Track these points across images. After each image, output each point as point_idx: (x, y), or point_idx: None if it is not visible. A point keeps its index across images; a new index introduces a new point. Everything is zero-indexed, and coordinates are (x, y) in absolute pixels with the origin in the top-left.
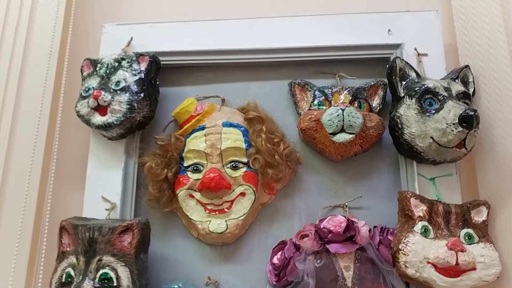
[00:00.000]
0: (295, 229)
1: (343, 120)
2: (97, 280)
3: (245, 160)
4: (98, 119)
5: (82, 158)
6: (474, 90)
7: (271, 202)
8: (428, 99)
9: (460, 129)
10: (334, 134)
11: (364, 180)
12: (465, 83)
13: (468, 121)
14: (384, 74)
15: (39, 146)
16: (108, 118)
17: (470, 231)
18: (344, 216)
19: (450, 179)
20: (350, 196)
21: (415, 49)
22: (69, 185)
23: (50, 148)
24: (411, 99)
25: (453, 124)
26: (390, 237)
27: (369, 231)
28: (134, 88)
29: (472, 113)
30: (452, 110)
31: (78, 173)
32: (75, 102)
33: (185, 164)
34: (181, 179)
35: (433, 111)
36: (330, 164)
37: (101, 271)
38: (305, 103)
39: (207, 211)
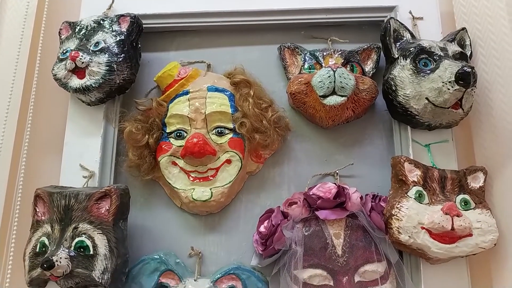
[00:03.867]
0: (283, 198)
1: (334, 82)
2: (72, 248)
3: (231, 125)
4: (76, 82)
5: (60, 125)
6: (471, 53)
7: (258, 171)
8: (423, 59)
9: (456, 87)
10: (325, 96)
11: (356, 147)
12: (462, 46)
13: (465, 78)
14: (377, 39)
15: (12, 112)
16: (86, 80)
17: (467, 197)
18: (335, 183)
19: (446, 146)
20: (341, 164)
21: (410, 13)
22: (45, 153)
23: (25, 114)
24: (406, 59)
25: (450, 82)
26: (382, 204)
27: (361, 198)
28: (114, 49)
29: (469, 69)
30: (449, 68)
31: (55, 140)
32: (52, 67)
33: (168, 130)
34: (163, 146)
35: (428, 71)
36: (320, 131)
37: (76, 239)
38: (295, 68)
39: (191, 179)
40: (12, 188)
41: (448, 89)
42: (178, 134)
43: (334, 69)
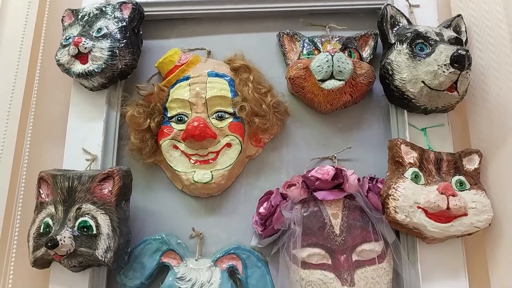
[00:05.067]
0: (282, 181)
1: (332, 66)
2: (76, 228)
3: (231, 110)
4: (78, 67)
5: (63, 110)
6: (466, 39)
7: (258, 155)
8: (420, 44)
9: (451, 70)
10: (323, 81)
11: (353, 131)
12: (457, 32)
13: (460, 61)
14: (374, 26)
15: (16, 97)
16: (89, 66)
17: (462, 178)
18: (333, 166)
19: (441, 130)
20: (339, 148)
21: (407, 0)
22: (49, 138)
23: (29, 99)
24: (402, 44)
25: (445, 65)
26: (379, 186)
27: (358, 180)
28: (116, 35)
29: (463, 52)
30: (444, 52)
31: (58, 125)
32: (55, 53)
33: (169, 115)
34: (164, 130)
35: (424, 55)
36: (319, 116)
37: (80, 219)
38: (294, 54)
39: (192, 162)
40: (17, 172)
41: (444, 71)
42: (179, 118)
43: (332, 54)
